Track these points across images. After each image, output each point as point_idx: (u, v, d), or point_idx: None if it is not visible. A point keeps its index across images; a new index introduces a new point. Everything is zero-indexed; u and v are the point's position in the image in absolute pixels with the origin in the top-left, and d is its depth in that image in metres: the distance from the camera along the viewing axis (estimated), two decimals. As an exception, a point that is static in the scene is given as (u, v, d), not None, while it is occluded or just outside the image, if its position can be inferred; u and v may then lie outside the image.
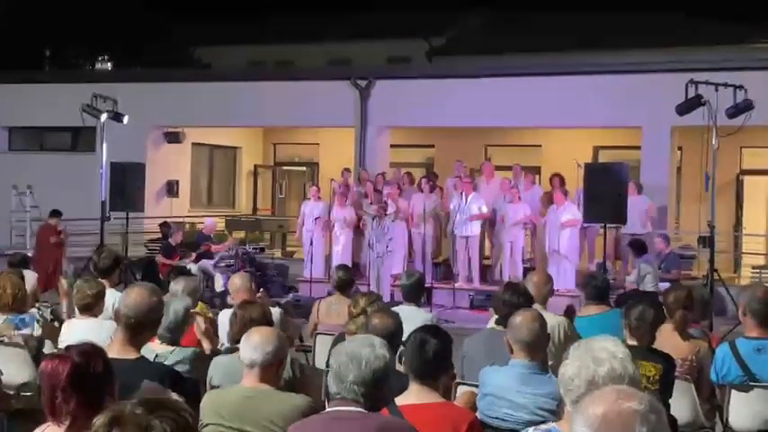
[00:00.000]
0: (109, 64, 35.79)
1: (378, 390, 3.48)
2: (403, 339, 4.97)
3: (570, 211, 15.22)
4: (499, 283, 13.43)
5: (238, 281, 7.50)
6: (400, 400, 4.09)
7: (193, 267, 14.70)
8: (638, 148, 17.07)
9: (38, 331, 6.78)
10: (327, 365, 3.73)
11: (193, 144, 21.98)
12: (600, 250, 14.43)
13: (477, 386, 4.98)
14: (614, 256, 15.70)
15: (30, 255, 10.31)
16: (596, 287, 7.02)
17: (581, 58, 22.15)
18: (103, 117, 16.56)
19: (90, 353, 3.48)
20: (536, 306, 5.94)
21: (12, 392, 6.19)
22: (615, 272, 15.55)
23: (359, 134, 18.99)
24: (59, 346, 5.89)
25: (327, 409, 3.56)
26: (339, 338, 5.95)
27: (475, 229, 15.88)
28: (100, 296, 6.34)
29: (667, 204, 16.83)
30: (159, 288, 4.55)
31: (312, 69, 24.97)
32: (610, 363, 3.09)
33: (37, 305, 7.30)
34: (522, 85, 17.71)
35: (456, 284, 15.86)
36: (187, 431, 2.31)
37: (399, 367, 4.56)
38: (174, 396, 3.32)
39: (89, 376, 3.37)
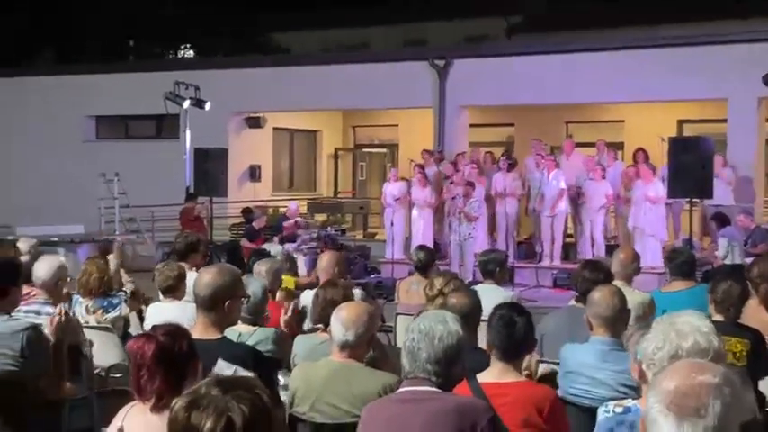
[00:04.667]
0: (191, 52, 36.45)
1: (450, 367, 3.45)
2: (482, 317, 4.96)
3: (655, 188, 14.94)
4: (583, 261, 13.29)
5: (324, 260, 7.47)
6: (482, 378, 4.07)
7: (274, 250, 14.83)
8: (724, 121, 16.66)
9: (125, 311, 6.98)
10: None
11: (274, 129, 22.18)
12: (686, 226, 14.16)
13: (556, 364, 4.95)
14: (701, 232, 15.38)
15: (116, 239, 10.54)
16: (681, 263, 6.87)
17: (664, 30, 21.72)
18: (186, 104, 16.84)
19: (174, 333, 3.55)
20: (619, 283, 5.87)
21: (102, 374, 6.36)
22: (703, 247, 15.23)
23: (437, 114, 18.93)
24: (145, 328, 6.02)
25: (400, 390, 3.56)
26: (418, 318, 5.95)
27: (561, 207, 15.72)
28: (180, 278, 6.47)
29: (754, 178, 16.41)
30: (237, 269, 4.60)
31: (389, 51, 24.97)
32: (694, 336, 3.03)
33: (124, 288, 7.49)
34: (604, 60, 17.42)
35: (539, 263, 15.76)
36: (263, 411, 2.34)
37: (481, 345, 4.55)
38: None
39: (173, 355, 3.44)
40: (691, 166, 12.37)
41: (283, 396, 4.54)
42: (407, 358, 3.48)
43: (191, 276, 6.54)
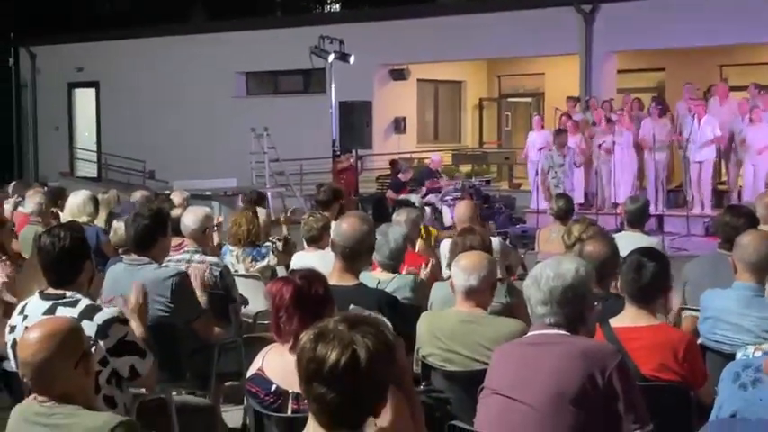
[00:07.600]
0: (337, 6, 36.72)
1: (570, 309, 3.38)
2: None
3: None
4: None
5: (461, 210, 7.56)
6: (616, 322, 4.05)
7: (417, 201, 14.90)
8: None
9: (273, 261, 7.22)
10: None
11: (418, 80, 22.22)
12: None
13: (698, 311, 4.84)
14: None
15: (267, 192, 10.88)
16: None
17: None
18: (331, 58, 16.99)
19: (311, 277, 3.68)
20: (766, 227, 5.67)
21: (249, 321, 6.60)
22: None
23: (584, 61, 18.53)
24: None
25: (528, 334, 3.56)
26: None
27: (709, 153, 15.21)
28: (324, 229, 6.65)
29: None
30: (371, 218, 4.71)
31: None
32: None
33: (270, 238, 7.71)
34: (760, -1, 16.62)
35: (690, 211, 15.33)
36: (388, 348, 2.42)
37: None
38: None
39: (310, 298, 3.57)
40: None
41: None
42: (529, 304, 3.49)
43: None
